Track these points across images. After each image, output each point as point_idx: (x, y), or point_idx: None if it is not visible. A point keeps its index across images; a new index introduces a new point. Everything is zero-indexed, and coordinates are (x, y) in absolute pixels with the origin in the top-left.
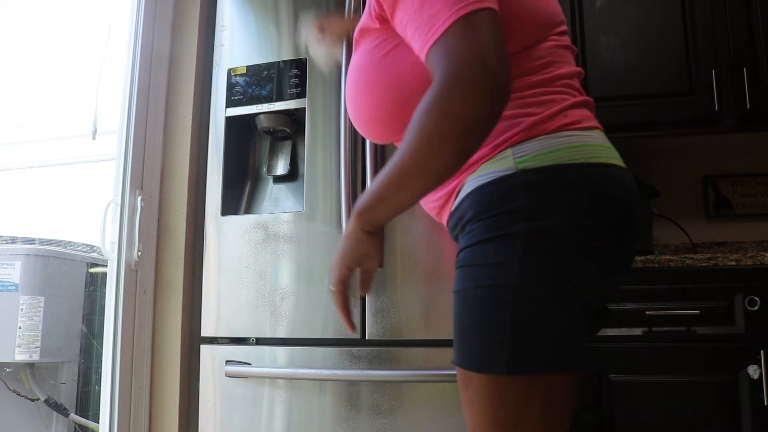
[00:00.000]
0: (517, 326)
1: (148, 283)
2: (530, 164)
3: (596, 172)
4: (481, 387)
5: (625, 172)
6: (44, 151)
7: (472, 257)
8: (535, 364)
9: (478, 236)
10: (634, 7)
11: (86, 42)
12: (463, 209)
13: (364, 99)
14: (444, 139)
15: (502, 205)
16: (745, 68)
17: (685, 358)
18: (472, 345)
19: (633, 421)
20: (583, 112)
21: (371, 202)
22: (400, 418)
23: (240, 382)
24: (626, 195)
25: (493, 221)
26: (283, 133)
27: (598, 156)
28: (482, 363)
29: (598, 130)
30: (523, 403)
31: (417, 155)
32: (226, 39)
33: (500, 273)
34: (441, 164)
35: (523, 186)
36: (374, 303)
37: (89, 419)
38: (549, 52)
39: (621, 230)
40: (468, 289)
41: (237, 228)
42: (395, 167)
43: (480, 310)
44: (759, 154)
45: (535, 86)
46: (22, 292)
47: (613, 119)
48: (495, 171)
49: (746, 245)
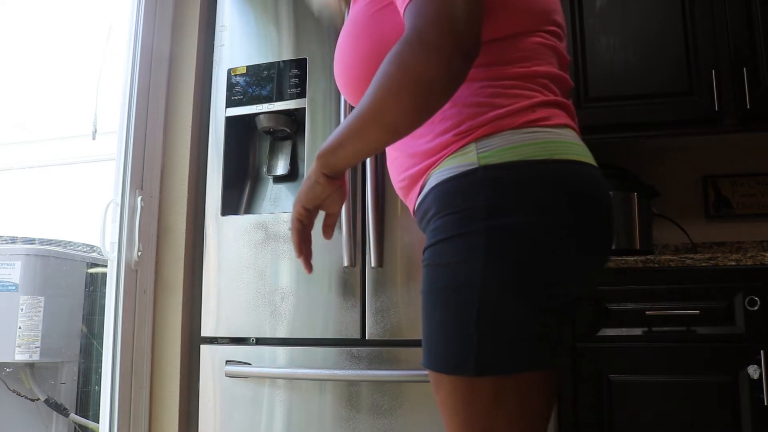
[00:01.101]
0: (483, 327)
1: (148, 283)
2: (492, 160)
3: (560, 169)
4: (452, 389)
5: (594, 169)
6: (44, 151)
7: (435, 256)
8: (503, 365)
9: (440, 234)
10: (634, 7)
11: (86, 42)
12: (426, 204)
13: (348, 58)
14: (399, 91)
15: (463, 202)
16: (745, 68)
17: (685, 358)
18: (441, 347)
19: (633, 421)
20: (554, 110)
21: (331, 146)
22: (400, 418)
23: (240, 382)
24: (592, 192)
25: (454, 218)
26: (283, 133)
27: (563, 153)
28: (451, 365)
29: (570, 128)
30: (495, 404)
31: (373, 105)
32: (226, 39)
33: (463, 273)
34: (395, 116)
35: (483, 182)
36: (374, 303)
37: (89, 419)
38: (532, 47)
39: (585, 228)
40: (433, 289)
41: (237, 228)
42: (355, 114)
43: (446, 311)
44: (759, 154)
45: (508, 78)
46: (22, 292)
47: (613, 119)
48: (457, 166)
49: (746, 245)
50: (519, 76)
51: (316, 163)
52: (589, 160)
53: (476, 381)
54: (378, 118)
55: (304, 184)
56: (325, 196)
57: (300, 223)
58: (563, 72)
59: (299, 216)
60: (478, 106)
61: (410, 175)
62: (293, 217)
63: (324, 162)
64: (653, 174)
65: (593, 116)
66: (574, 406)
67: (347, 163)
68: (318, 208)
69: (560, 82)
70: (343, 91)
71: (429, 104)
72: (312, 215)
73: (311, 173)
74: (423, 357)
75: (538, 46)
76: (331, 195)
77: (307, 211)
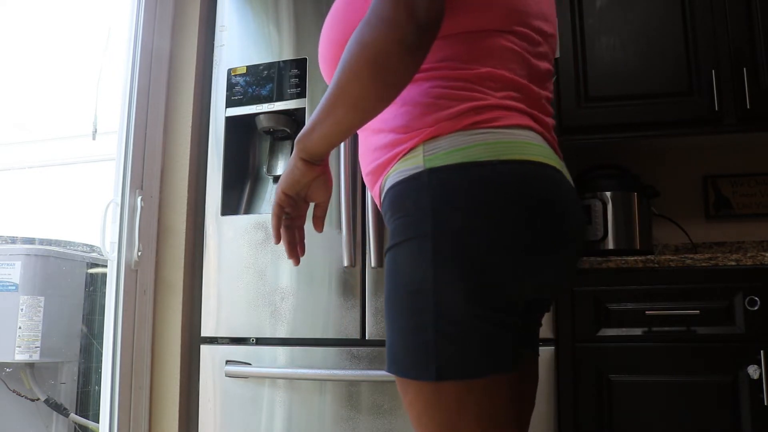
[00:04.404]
0: (440, 332)
1: (148, 283)
2: (437, 162)
3: (507, 170)
4: (417, 393)
5: (550, 169)
6: (44, 151)
7: (391, 261)
8: (463, 369)
9: (394, 238)
10: (634, 7)
11: (86, 42)
12: (384, 207)
13: (323, 46)
14: (358, 68)
15: (412, 205)
16: (745, 68)
17: (685, 358)
18: (402, 352)
19: (633, 421)
20: (506, 113)
21: (306, 130)
22: (400, 418)
23: (240, 382)
24: (543, 192)
25: (404, 222)
26: (283, 133)
27: (513, 153)
28: (413, 370)
29: (528, 129)
30: (459, 407)
31: (338, 84)
32: (225, 39)
33: (416, 278)
34: (357, 94)
35: (428, 186)
36: (374, 303)
37: (89, 419)
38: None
39: (533, 227)
40: (391, 295)
41: (237, 228)
42: (325, 96)
43: (404, 316)
44: (759, 154)
45: (458, 79)
46: (22, 292)
47: (613, 119)
48: (407, 169)
49: (746, 245)
50: (469, 78)
51: (294, 149)
52: (545, 160)
53: (439, 385)
54: (343, 97)
55: (285, 171)
56: (305, 181)
57: (280, 208)
58: (531, 81)
59: (279, 201)
60: (425, 106)
61: (371, 170)
62: (274, 202)
63: (301, 147)
64: (653, 174)
65: (593, 116)
66: (574, 406)
67: (322, 146)
68: (301, 196)
69: (523, 91)
70: (325, 74)
71: (388, 79)
72: (296, 204)
73: (291, 158)
74: (387, 362)
75: (499, 49)
76: (312, 182)
77: (287, 196)
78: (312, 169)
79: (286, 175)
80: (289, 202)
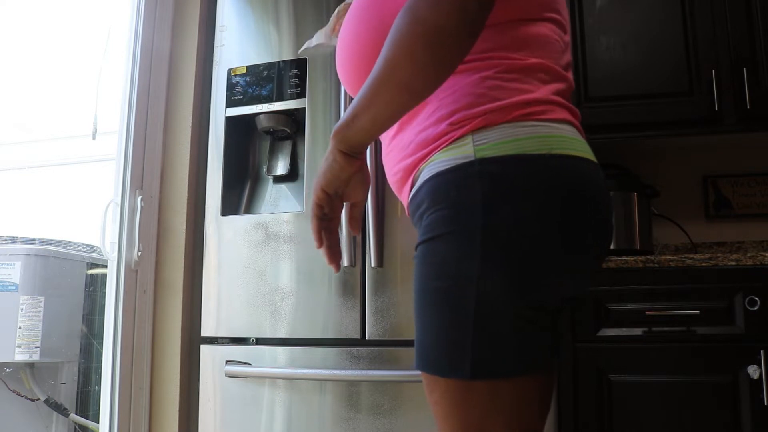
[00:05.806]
0: (480, 328)
1: (148, 284)
2: (489, 153)
3: (558, 165)
4: (446, 391)
5: (594, 165)
6: (44, 151)
7: (428, 254)
8: (499, 368)
9: (433, 230)
10: (634, 7)
11: (86, 42)
12: (419, 198)
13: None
14: (411, 45)
15: (459, 196)
16: (745, 68)
17: (685, 358)
18: (434, 348)
19: (633, 421)
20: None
21: (346, 120)
22: (400, 418)
23: (240, 382)
24: (590, 189)
25: (448, 214)
26: (283, 133)
27: (562, 147)
28: (445, 367)
29: (569, 124)
30: (491, 406)
31: (385, 64)
32: (225, 39)
33: (459, 271)
34: (409, 74)
35: (480, 176)
36: (374, 303)
37: (89, 419)
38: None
39: (581, 225)
40: (426, 289)
41: (237, 228)
42: (368, 81)
43: (439, 312)
44: (759, 154)
45: (508, 70)
46: (22, 292)
47: (613, 119)
48: (454, 158)
49: (746, 245)
50: (519, 68)
51: (331, 142)
52: (589, 156)
53: (471, 383)
54: (392, 78)
55: (322, 166)
56: (344, 176)
57: (320, 208)
58: (566, 71)
59: (318, 200)
60: (476, 97)
61: (404, 167)
62: (312, 202)
63: (340, 138)
64: (653, 174)
65: (593, 116)
66: (574, 406)
67: (365, 136)
68: (339, 194)
69: (564, 82)
70: (343, 81)
71: (444, 56)
72: (334, 203)
73: (328, 153)
74: (416, 359)
75: (543, 37)
76: (351, 177)
77: (326, 194)
78: (352, 163)
79: (325, 172)
80: (327, 201)
